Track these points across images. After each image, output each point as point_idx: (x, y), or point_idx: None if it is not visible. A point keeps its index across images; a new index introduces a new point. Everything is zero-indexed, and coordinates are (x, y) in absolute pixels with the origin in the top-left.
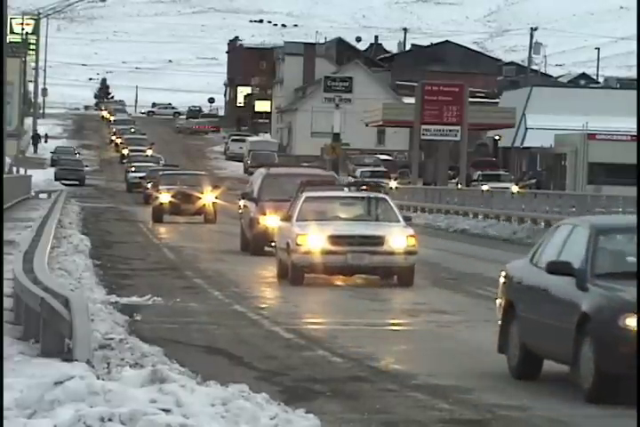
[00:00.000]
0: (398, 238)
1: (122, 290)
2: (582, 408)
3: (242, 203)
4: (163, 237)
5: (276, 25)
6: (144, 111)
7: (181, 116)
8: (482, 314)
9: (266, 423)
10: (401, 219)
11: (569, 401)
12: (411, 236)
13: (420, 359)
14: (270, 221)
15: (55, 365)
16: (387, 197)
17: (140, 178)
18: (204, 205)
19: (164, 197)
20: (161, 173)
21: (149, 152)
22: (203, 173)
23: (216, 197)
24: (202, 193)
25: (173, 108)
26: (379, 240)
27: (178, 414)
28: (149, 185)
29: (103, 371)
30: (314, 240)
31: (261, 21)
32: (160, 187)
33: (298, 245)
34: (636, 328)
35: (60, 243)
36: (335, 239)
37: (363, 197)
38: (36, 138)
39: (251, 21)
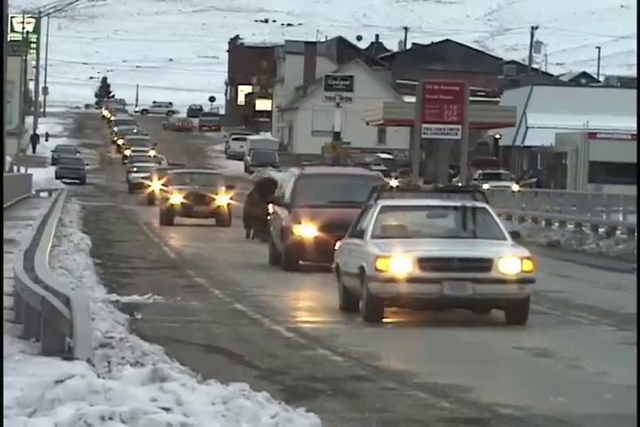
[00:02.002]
0: (511, 262)
1: (122, 289)
2: (583, 408)
3: (270, 209)
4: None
5: (275, 21)
6: (138, 110)
7: (175, 115)
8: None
9: (266, 422)
10: (507, 235)
11: (569, 401)
12: (527, 258)
13: (420, 358)
14: (306, 230)
15: (56, 363)
16: (487, 206)
17: (143, 178)
18: (219, 206)
19: (176, 198)
20: (171, 171)
21: (152, 153)
22: (216, 171)
23: (231, 198)
24: (216, 194)
25: (167, 106)
26: (485, 264)
27: (178, 412)
28: (155, 185)
29: (104, 370)
30: (399, 264)
31: (267, 21)
32: (170, 187)
33: (378, 270)
34: None
35: (60, 242)
36: (427, 263)
37: (457, 207)
38: (34, 138)
39: (256, 21)
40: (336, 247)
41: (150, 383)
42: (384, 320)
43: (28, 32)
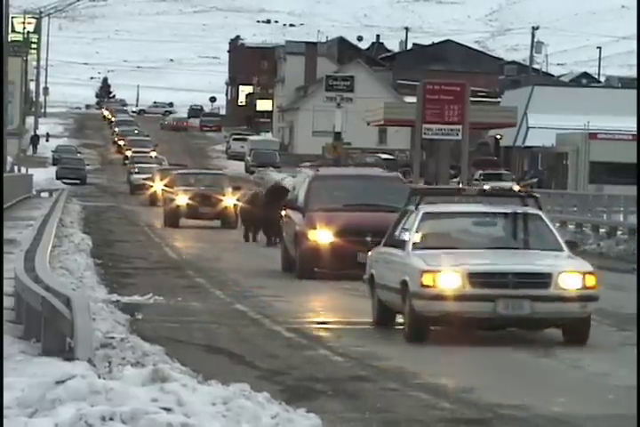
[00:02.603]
0: (572, 277)
1: (123, 289)
2: (583, 408)
3: (283, 212)
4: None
5: (277, 22)
6: (135, 110)
7: (172, 115)
8: None
9: (267, 423)
10: (563, 245)
11: (570, 401)
12: (589, 273)
13: (421, 359)
14: (322, 235)
15: (56, 364)
16: (541, 213)
17: (145, 179)
18: (225, 207)
19: (181, 199)
20: (175, 172)
21: (153, 154)
22: (222, 172)
23: (237, 200)
24: (222, 195)
25: (164, 106)
26: (544, 280)
27: (179, 413)
28: (157, 185)
29: (104, 370)
30: (448, 280)
31: (269, 22)
32: (175, 188)
33: (424, 286)
34: None
35: (61, 242)
36: (479, 279)
37: (507, 214)
38: (34, 139)
39: (258, 21)
40: (369, 256)
41: (151, 384)
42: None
43: (28, 32)
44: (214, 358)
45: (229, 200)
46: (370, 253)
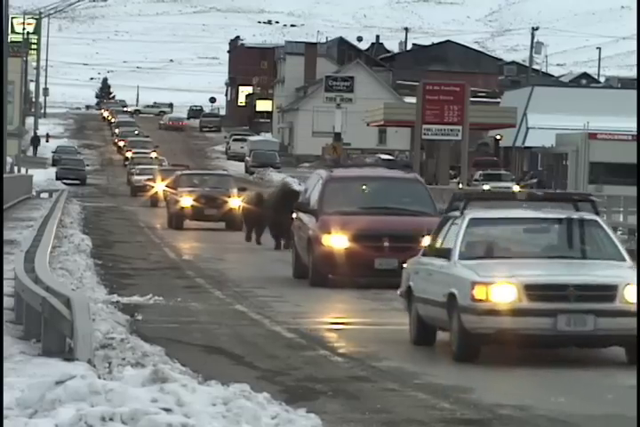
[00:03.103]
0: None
1: (123, 290)
2: (582, 408)
3: (294, 216)
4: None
5: (278, 22)
6: (129, 110)
7: (166, 115)
8: None
9: (267, 423)
10: (625, 255)
11: (569, 401)
12: None
13: (420, 359)
14: (337, 241)
15: (56, 364)
16: (599, 219)
17: (147, 180)
18: (231, 209)
19: (186, 201)
20: (180, 173)
21: (154, 155)
22: (227, 173)
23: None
24: (228, 196)
25: (158, 106)
26: (609, 292)
27: (179, 413)
28: (159, 186)
29: (104, 370)
30: (502, 293)
31: (270, 22)
32: (180, 189)
33: (475, 300)
34: None
35: (61, 242)
36: (537, 292)
37: (562, 220)
38: (35, 140)
39: (259, 22)
40: (406, 268)
41: (151, 384)
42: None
43: (28, 33)
44: (214, 358)
45: (235, 202)
46: (406, 263)
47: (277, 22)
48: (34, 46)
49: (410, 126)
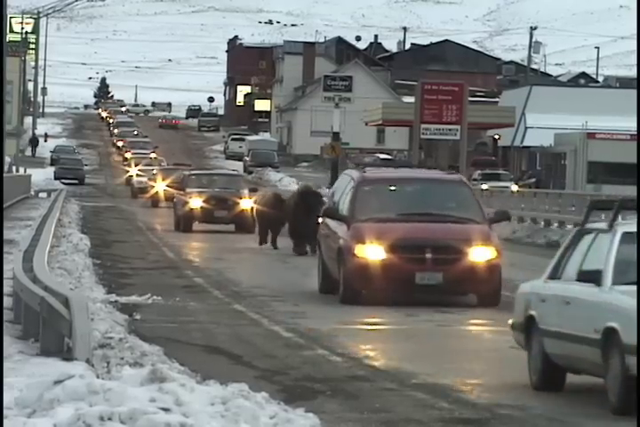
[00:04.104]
0: None
1: (121, 289)
2: (582, 408)
3: (320, 221)
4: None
5: (279, 22)
6: (121, 110)
7: (150, 114)
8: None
9: (265, 422)
10: None
11: (568, 401)
12: None
13: (419, 358)
14: (372, 251)
15: (55, 364)
16: None
17: (149, 179)
18: (242, 211)
19: (195, 202)
20: (188, 172)
21: (153, 155)
22: (238, 173)
23: (255, 202)
24: (239, 197)
25: (144, 105)
26: None
27: (177, 413)
28: (159, 185)
29: (103, 370)
30: None
31: (271, 23)
32: (188, 189)
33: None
34: None
35: (59, 242)
36: None
37: None
38: (33, 141)
39: (260, 22)
40: (522, 292)
41: (149, 384)
42: None
43: (26, 32)
44: (212, 357)
45: (246, 203)
46: (524, 287)
47: (279, 22)
48: (32, 46)
49: (408, 126)
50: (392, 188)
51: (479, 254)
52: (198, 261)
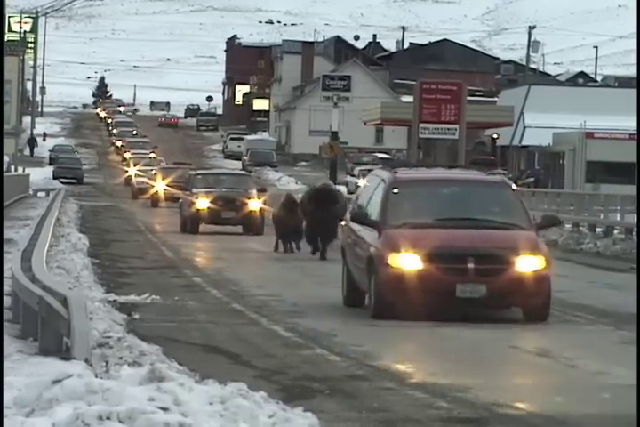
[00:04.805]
0: None
1: (120, 288)
2: (581, 407)
3: (345, 228)
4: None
5: (279, 22)
6: (120, 110)
7: (137, 113)
8: None
9: (264, 422)
10: None
11: (567, 400)
12: None
13: (418, 358)
14: (408, 261)
15: (53, 363)
16: None
17: (149, 178)
18: (250, 212)
19: (202, 203)
20: (194, 172)
21: (152, 155)
22: (246, 172)
23: (264, 203)
24: (247, 198)
25: (132, 105)
26: None
27: (176, 412)
28: (159, 184)
29: (101, 369)
30: None
31: (272, 22)
32: (194, 190)
33: None
34: None
35: (58, 241)
36: None
37: None
38: (32, 141)
39: (260, 22)
40: None
41: (148, 383)
42: None
43: (25, 32)
44: (211, 357)
45: (255, 203)
46: None
47: (279, 22)
48: (31, 45)
49: (407, 125)
50: (441, 191)
51: (526, 264)
52: (197, 260)
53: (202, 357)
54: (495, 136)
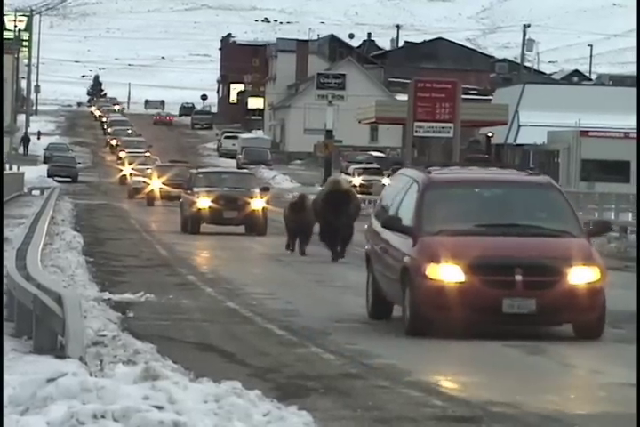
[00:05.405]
0: None
1: (114, 287)
2: (575, 406)
3: (370, 233)
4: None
5: (276, 20)
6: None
7: (124, 111)
8: None
9: (258, 420)
10: None
11: (562, 399)
12: None
13: (412, 356)
14: (448, 272)
15: (48, 362)
16: None
17: (144, 176)
18: (253, 211)
19: (203, 202)
20: (196, 171)
21: (147, 154)
22: (248, 171)
23: (267, 202)
24: (250, 197)
25: (119, 103)
26: None
27: (171, 410)
28: (154, 183)
29: (96, 368)
30: None
31: (268, 21)
32: (195, 189)
33: None
34: None
35: (52, 240)
36: None
37: None
38: (25, 140)
39: (256, 21)
40: None
41: (142, 382)
42: None
43: (19, 30)
44: (205, 355)
45: (257, 203)
46: None
47: (276, 21)
48: (25, 43)
49: (401, 124)
50: (481, 194)
51: (580, 276)
52: (192, 258)
53: (196, 355)
54: (490, 135)
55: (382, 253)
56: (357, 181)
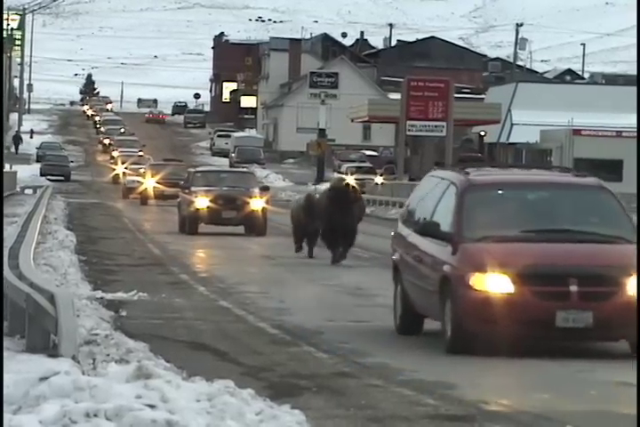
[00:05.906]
0: None
1: (107, 286)
2: (569, 405)
3: (398, 239)
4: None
5: (270, 19)
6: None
7: (113, 110)
8: None
9: (251, 419)
10: None
11: (555, 398)
12: None
13: (405, 355)
14: (494, 282)
15: (40, 360)
16: None
17: (138, 175)
18: (252, 211)
19: (201, 202)
20: (194, 170)
21: (140, 154)
22: (248, 170)
23: (267, 202)
24: (249, 197)
25: (111, 102)
26: None
27: (163, 409)
28: (148, 181)
29: (89, 367)
30: None
31: (263, 21)
32: (193, 188)
33: None
34: None
35: (45, 239)
36: None
37: None
38: (17, 139)
39: (250, 20)
40: None
41: (135, 380)
42: None
43: (12, 29)
44: (198, 354)
45: (257, 203)
46: None
47: (269, 20)
48: (18, 42)
49: (394, 122)
50: (530, 197)
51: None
52: (185, 257)
53: (189, 354)
54: (482, 133)
55: (415, 261)
56: (350, 179)
